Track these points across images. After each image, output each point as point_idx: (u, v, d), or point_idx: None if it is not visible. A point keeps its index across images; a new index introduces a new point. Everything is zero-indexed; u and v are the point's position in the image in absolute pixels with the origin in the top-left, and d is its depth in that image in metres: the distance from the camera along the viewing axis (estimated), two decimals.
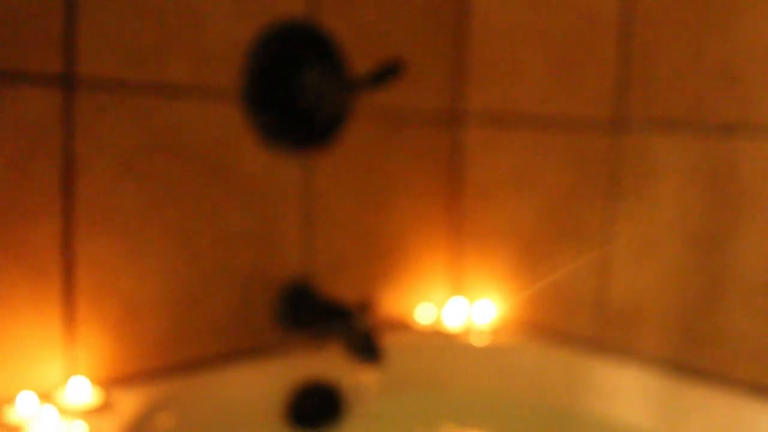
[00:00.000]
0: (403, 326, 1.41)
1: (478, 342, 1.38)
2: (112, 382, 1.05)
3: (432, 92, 1.43)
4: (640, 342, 1.27)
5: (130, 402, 1.01)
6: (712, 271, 1.18)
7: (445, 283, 1.49)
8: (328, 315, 1.18)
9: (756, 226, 1.13)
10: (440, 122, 1.44)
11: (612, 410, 1.26)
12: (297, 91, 1.17)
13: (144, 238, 1.07)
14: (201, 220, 1.13)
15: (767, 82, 1.11)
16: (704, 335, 1.19)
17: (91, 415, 0.96)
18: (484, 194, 1.45)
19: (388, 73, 1.12)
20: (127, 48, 1.03)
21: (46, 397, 0.98)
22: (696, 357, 1.21)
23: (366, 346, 1.13)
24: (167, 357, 1.12)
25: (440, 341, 1.39)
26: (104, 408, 0.98)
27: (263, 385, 1.18)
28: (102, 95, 1.01)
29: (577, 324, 1.35)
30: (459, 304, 1.44)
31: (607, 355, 1.29)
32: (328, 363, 1.22)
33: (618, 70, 1.27)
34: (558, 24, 1.35)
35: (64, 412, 0.95)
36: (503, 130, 1.42)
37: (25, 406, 0.93)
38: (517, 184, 1.41)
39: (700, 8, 1.17)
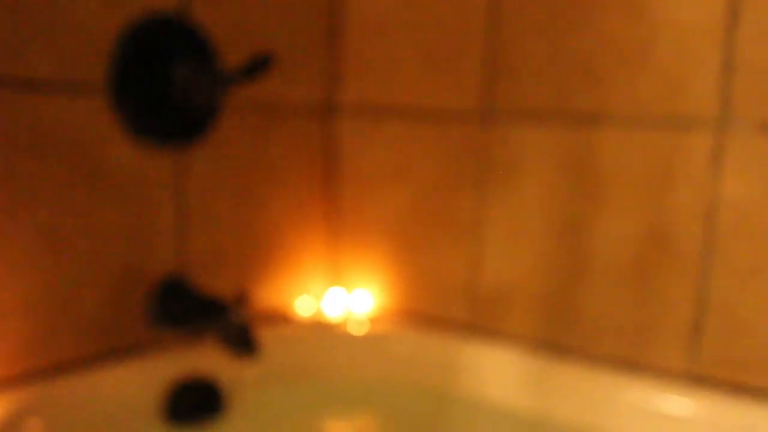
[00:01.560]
0: (282, 318, 1.41)
1: (356, 331, 1.41)
2: None
3: (307, 85, 1.44)
4: (510, 324, 1.33)
5: None
6: (575, 254, 1.24)
7: (323, 274, 1.50)
8: (203, 310, 1.17)
9: (612, 210, 1.20)
10: (316, 115, 1.45)
11: (485, 390, 1.31)
12: (167, 85, 1.15)
13: (6, 238, 1.03)
14: (70, 218, 1.10)
15: (621, 76, 1.18)
16: (569, 315, 1.26)
17: None
18: (361, 185, 1.48)
19: (258, 66, 1.12)
20: None
21: None
22: (562, 336, 1.27)
23: (242, 339, 1.13)
24: (36, 359, 1.08)
25: (319, 332, 1.41)
26: None
27: (139, 383, 1.16)
28: None
29: (451, 309, 1.39)
30: (337, 294, 1.46)
31: (480, 338, 1.34)
32: (205, 358, 1.22)
33: (485, 63, 1.32)
34: (429, 17, 1.38)
35: None
36: (378, 121, 1.45)
37: None
38: (392, 175, 1.44)
39: (562, 5, 1.23)
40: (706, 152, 1.12)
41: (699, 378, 1.16)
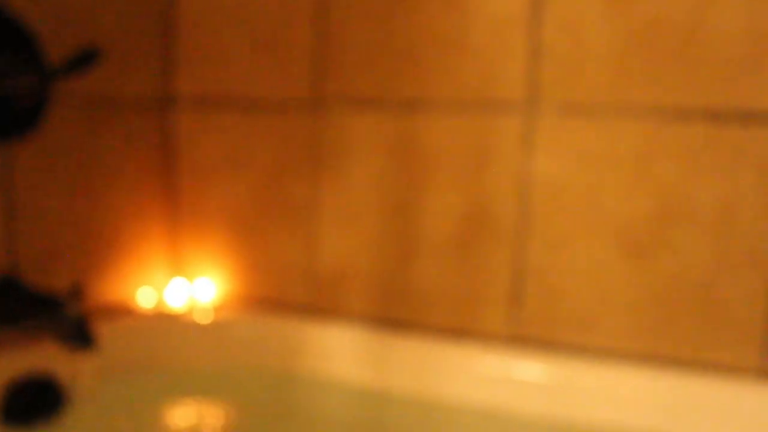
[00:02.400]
0: (125, 311, 1.41)
1: (200, 320, 1.42)
2: None
3: (141, 77, 1.43)
4: (349, 303, 1.38)
5: None
6: (405, 233, 1.32)
7: (165, 265, 1.50)
8: (36, 307, 1.15)
9: (435, 190, 1.28)
10: (151, 107, 1.45)
11: (329, 368, 1.36)
12: None
13: None
14: None
15: (440, 63, 1.26)
16: (403, 290, 1.33)
17: None
18: (199, 176, 1.49)
19: (83, 60, 1.11)
20: None
21: None
22: (397, 310, 1.34)
23: (78, 334, 1.12)
24: None
25: (162, 322, 1.41)
26: None
27: None
28: None
29: (292, 293, 1.44)
30: (180, 284, 1.47)
31: (321, 319, 1.40)
32: (41, 356, 1.20)
33: (314, 52, 1.36)
34: (259, 5, 1.41)
35: None
36: (214, 113, 1.46)
37: None
38: (230, 164, 1.46)
39: None
40: (517, 133, 1.21)
41: (520, 339, 1.26)
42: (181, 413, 1.33)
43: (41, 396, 1.18)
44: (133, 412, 1.29)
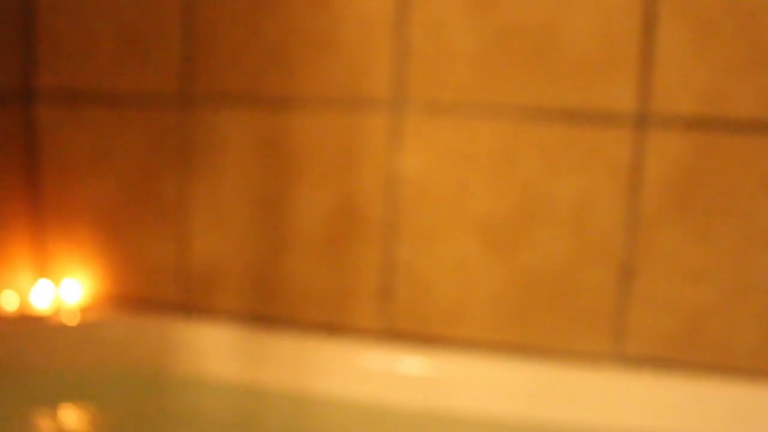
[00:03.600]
0: None
1: (67, 321, 1.38)
2: None
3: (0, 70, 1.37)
4: (222, 300, 1.38)
5: None
6: (277, 229, 1.32)
7: (29, 267, 1.45)
8: None
9: (305, 186, 1.30)
10: (10, 101, 1.39)
11: (202, 366, 1.35)
12: None
13: None
14: None
15: (309, 62, 1.27)
16: (275, 287, 1.34)
17: None
18: (64, 173, 1.44)
19: None
20: None
21: None
22: (270, 307, 1.35)
23: None
24: None
25: (27, 325, 1.36)
26: None
27: None
28: None
29: (163, 292, 1.41)
30: (45, 286, 1.42)
31: (194, 317, 1.38)
32: None
33: (183, 46, 1.34)
34: None
35: None
36: (79, 107, 1.41)
37: None
38: (96, 162, 1.42)
39: None
40: (384, 131, 1.24)
41: (391, 333, 1.28)
42: (49, 418, 1.29)
43: None
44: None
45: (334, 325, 1.31)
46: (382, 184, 1.25)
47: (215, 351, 1.35)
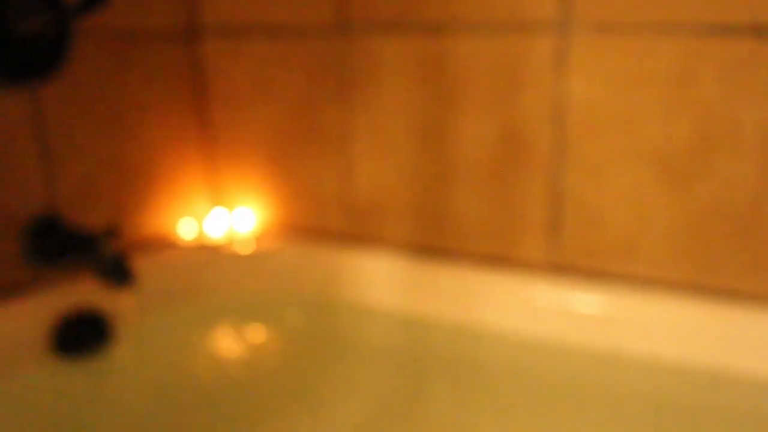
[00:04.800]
0: (165, 244, 1.43)
1: (241, 250, 1.44)
2: None
3: (165, 9, 1.41)
4: (385, 232, 1.38)
5: None
6: (440, 158, 1.29)
7: (204, 196, 1.52)
8: (75, 245, 1.18)
9: (467, 114, 1.25)
10: (178, 38, 1.43)
11: (367, 296, 1.37)
12: (2, 21, 1.12)
13: None
14: None
15: None
16: (439, 217, 1.32)
17: None
18: (232, 105, 1.48)
19: None
20: None
21: None
22: (434, 238, 1.33)
23: (116, 270, 1.15)
24: None
25: (204, 254, 1.43)
26: None
27: (21, 322, 1.17)
28: None
29: (329, 221, 1.43)
30: (219, 214, 1.48)
31: (358, 247, 1.39)
32: (86, 292, 1.23)
33: None
34: None
35: None
36: (241, 40, 1.43)
37: None
38: (261, 93, 1.44)
39: None
40: (550, 54, 1.16)
41: (560, 267, 1.23)
42: (223, 342, 1.37)
43: (90, 329, 1.23)
44: (175, 342, 1.33)
45: (499, 257, 1.28)
46: (548, 111, 1.18)
47: (380, 280, 1.36)
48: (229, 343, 1.37)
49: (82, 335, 1.22)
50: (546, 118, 1.18)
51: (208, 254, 1.43)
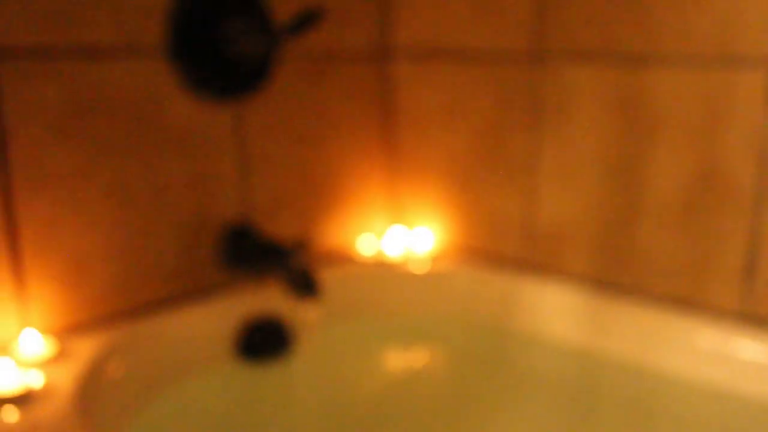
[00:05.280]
0: (345, 258, 1.47)
1: (417, 269, 1.46)
2: (65, 332, 1.11)
3: (360, 30, 1.46)
4: (565, 262, 1.35)
5: (83, 350, 1.06)
6: (628, 193, 1.25)
7: (384, 213, 1.55)
8: (266, 254, 1.24)
9: (664, 150, 1.20)
10: (370, 59, 1.48)
11: (542, 325, 1.35)
12: (221, 41, 1.19)
13: (82, 195, 1.11)
14: (137, 173, 1.17)
15: (672, 14, 1.16)
16: (624, 253, 1.28)
17: (46, 364, 1.02)
18: (417, 126, 1.50)
19: (307, 20, 1.15)
20: (46, 12, 1.04)
21: (2, 350, 1.04)
22: (616, 274, 1.29)
23: (304, 283, 1.20)
24: (116, 304, 1.17)
25: (381, 271, 1.46)
26: (59, 357, 1.04)
27: (211, 323, 1.25)
28: (25, 62, 1.03)
29: (508, 247, 1.43)
30: (398, 233, 1.51)
31: (536, 275, 1.38)
32: (271, 300, 1.29)
33: (535, 3, 1.31)
34: None
35: (20, 363, 1.01)
36: (431, 63, 1.46)
37: None
38: (448, 115, 1.46)
39: None
40: (760, 90, 1.09)
41: (752, 317, 1.16)
42: (394, 360, 1.39)
43: (272, 336, 1.28)
44: (351, 355, 1.37)
45: (686, 300, 1.22)
46: (753, 149, 1.11)
47: (557, 312, 1.33)
48: (399, 362, 1.39)
49: (264, 341, 1.28)
50: (751, 156, 1.12)
51: (385, 271, 1.46)
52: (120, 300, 1.18)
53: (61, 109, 1.07)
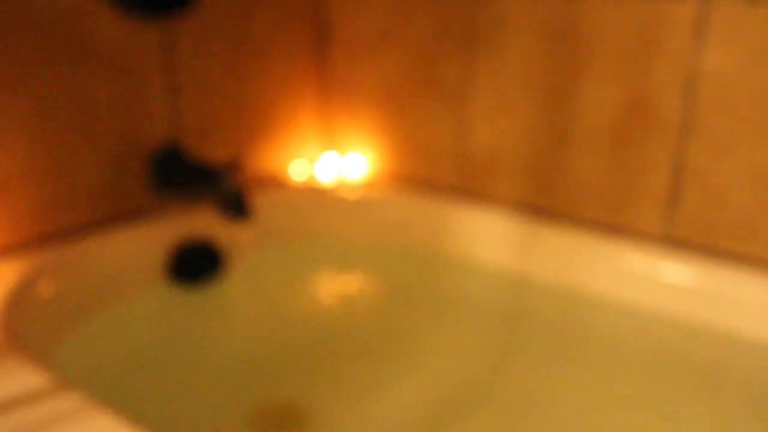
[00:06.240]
0: (277, 183, 1.46)
1: (349, 195, 1.46)
2: None
3: None
4: (497, 188, 1.37)
5: (9, 271, 1.04)
6: (558, 120, 1.27)
7: (317, 138, 1.54)
8: (197, 176, 1.22)
9: (594, 78, 1.22)
10: None
11: (474, 251, 1.37)
12: None
13: (3, 112, 1.07)
14: (63, 92, 1.13)
15: None
16: (553, 179, 1.30)
17: None
18: (351, 51, 1.48)
19: None
20: None
21: None
22: (546, 199, 1.32)
23: (236, 205, 1.19)
24: (43, 226, 1.14)
25: (314, 196, 1.46)
26: None
27: (142, 246, 1.23)
28: None
29: (441, 174, 1.44)
30: (330, 159, 1.50)
31: (469, 202, 1.40)
32: (202, 222, 1.28)
33: None
34: None
35: None
36: None
37: None
38: (381, 41, 1.44)
39: None
40: (690, 22, 1.12)
41: (674, 241, 1.21)
42: (325, 284, 1.40)
43: (204, 258, 1.27)
44: (282, 279, 1.37)
45: (612, 225, 1.26)
46: (680, 81, 1.14)
47: (488, 237, 1.36)
48: (331, 286, 1.40)
49: (196, 264, 1.27)
50: (677, 88, 1.15)
51: (318, 197, 1.46)
52: (46, 223, 1.15)
53: None
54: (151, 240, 1.24)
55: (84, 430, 0.70)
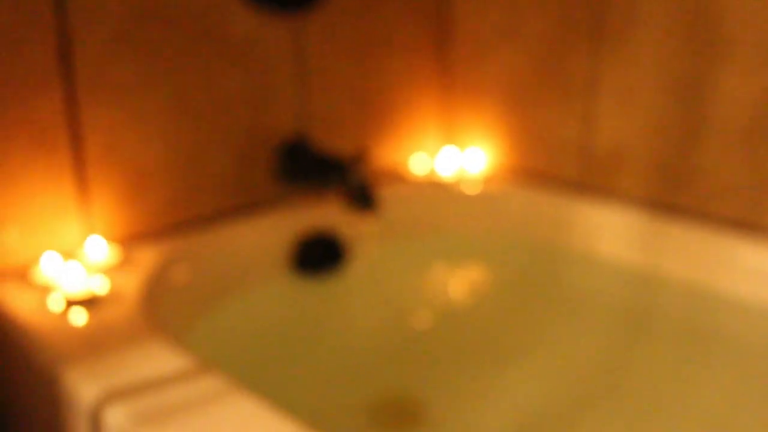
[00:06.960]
0: (398, 177, 1.47)
1: (469, 190, 1.45)
2: (128, 240, 1.14)
3: None
4: (622, 183, 1.33)
5: (146, 258, 1.09)
6: (692, 114, 1.22)
7: (437, 133, 1.54)
8: (324, 168, 1.24)
9: (733, 70, 1.17)
10: None
11: (596, 246, 1.34)
12: None
13: (144, 104, 1.12)
14: (197, 85, 1.17)
15: None
16: (684, 175, 1.25)
17: (111, 270, 1.05)
18: (474, 45, 1.47)
19: None
20: None
21: (68, 255, 1.06)
22: (675, 195, 1.27)
23: (362, 196, 1.20)
24: (176, 215, 1.19)
25: (434, 190, 1.46)
26: (123, 264, 1.07)
27: (269, 236, 1.26)
28: None
29: (563, 169, 1.41)
30: (451, 153, 1.50)
31: (591, 196, 1.36)
32: (327, 214, 1.30)
33: None
34: None
35: (86, 268, 1.03)
36: None
37: (50, 264, 1.02)
38: (505, 35, 1.43)
39: None
40: None
41: None
42: (445, 277, 1.40)
43: (328, 250, 1.29)
44: (403, 271, 1.38)
45: (745, 222, 1.20)
46: None
47: (612, 232, 1.32)
48: (450, 281, 1.40)
49: (320, 255, 1.29)
50: None
51: (437, 190, 1.46)
52: (180, 212, 1.19)
53: (124, 16, 1.07)
54: (277, 230, 1.27)
55: (230, 412, 0.73)
